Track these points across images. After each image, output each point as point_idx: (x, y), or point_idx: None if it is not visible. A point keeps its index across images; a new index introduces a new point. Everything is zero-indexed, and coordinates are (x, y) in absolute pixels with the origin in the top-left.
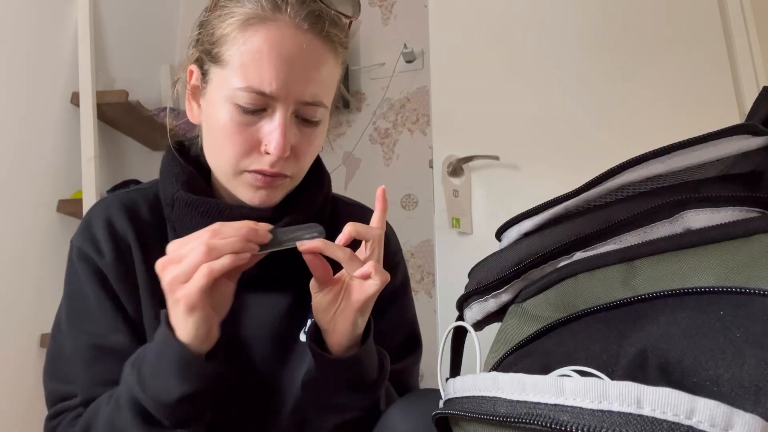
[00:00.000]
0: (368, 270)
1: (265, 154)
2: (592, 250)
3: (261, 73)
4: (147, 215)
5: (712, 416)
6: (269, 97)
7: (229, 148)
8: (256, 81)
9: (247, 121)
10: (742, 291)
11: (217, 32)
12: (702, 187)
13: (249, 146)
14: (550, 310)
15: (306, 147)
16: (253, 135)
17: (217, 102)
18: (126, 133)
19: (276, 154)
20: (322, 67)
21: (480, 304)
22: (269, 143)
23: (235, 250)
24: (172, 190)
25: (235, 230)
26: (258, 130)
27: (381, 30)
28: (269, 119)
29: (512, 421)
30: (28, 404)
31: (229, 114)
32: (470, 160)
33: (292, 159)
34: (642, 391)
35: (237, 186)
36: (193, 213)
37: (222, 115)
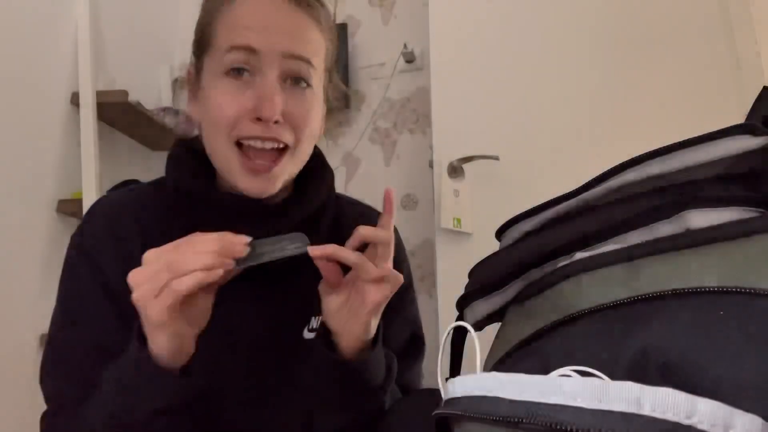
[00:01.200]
0: (382, 273)
1: (257, 122)
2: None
3: (243, 31)
4: (151, 210)
5: (713, 416)
6: (253, 54)
7: (221, 119)
8: (239, 38)
9: (238, 89)
10: (742, 291)
11: (203, 19)
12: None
13: (240, 110)
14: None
15: (300, 112)
16: (244, 103)
17: (210, 82)
18: (126, 133)
19: (267, 112)
20: (303, 28)
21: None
22: (259, 106)
23: (206, 267)
24: (179, 180)
25: (209, 243)
26: (249, 97)
27: (381, 30)
28: (259, 82)
29: (513, 421)
30: (28, 404)
31: (221, 87)
32: (470, 160)
33: (287, 126)
34: (642, 391)
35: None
36: (198, 204)
37: (214, 92)
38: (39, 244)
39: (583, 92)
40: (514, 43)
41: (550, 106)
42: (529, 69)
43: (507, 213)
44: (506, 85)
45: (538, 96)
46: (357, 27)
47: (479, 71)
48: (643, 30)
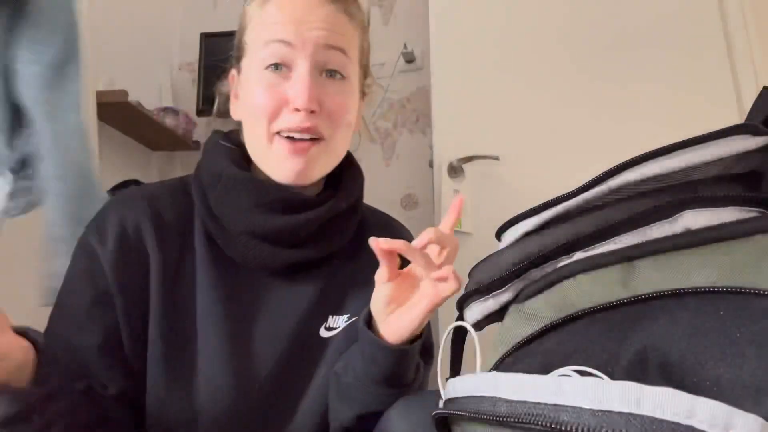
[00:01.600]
0: (446, 273)
1: (294, 112)
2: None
3: (275, 27)
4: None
5: (712, 416)
6: (288, 46)
7: (260, 112)
8: (274, 33)
9: (275, 82)
10: (742, 291)
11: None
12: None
13: (278, 105)
14: (550, 310)
15: (336, 102)
16: (281, 94)
17: (250, 80)
18: (126, 133)
19: (300, 102)
20: (336, 20)
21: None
22: (295, 96)
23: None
24: (220, 167)
25: None
26: (285, 90)
27: (381, 30)
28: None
29: (512, 421)
30: None
31: (258, 80)
32: (470, 160)
33: (323, 116)
34: (642, 391)
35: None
36: (239, 189)
37: (253, 86)
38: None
39: (583, 92)
40: (515, 43)
41: (550, 106)
42: (529, 69)
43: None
44: (506, 85)
45: (538, 96)
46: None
47: (479, 71)
48: (642, 31)
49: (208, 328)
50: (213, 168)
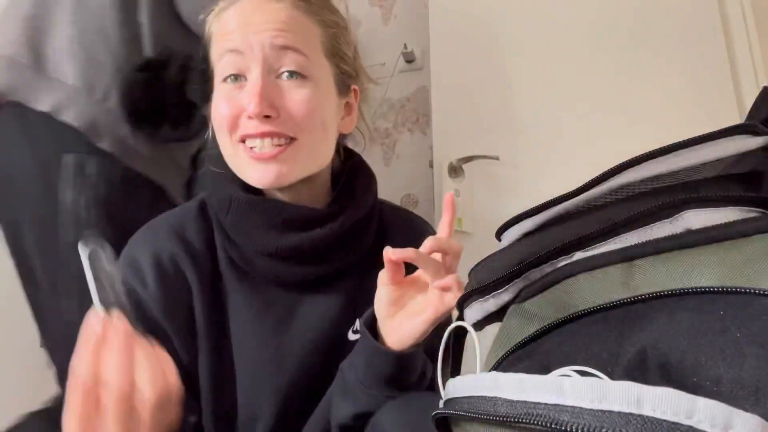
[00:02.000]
0: (450, 283)
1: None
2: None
3: (226, 37)
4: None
5: (712, 416)
6: (239, 54)
7: (222, 122)
8: (225, 44)
9: (233, 92)
10: (742, 291)
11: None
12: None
13: (236, 114)
14: (550, 310)
15: (295, 103)
16: (237, 104)
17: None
18: None
19: (252, 105)
20: (286, 18)
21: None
22: (247, 103)
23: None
24: (230, 191)
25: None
26: (240, 98)
27: (381, 30)
28: (247, 84)
29: (512, 421)
30: (29, 405)
31: (219, 93)
32: (470, 160)
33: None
34: (642, 390)
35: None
36: (251, 213)
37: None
38: None
39: (582, 92)
40: (514, 43)
41: (551, 106)
42: (529, 69)
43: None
44: (506, 85)
45: (538, 96)
46: (357, 27)
47: (479, 71)
48: (642, 31)
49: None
50: (222, 194)
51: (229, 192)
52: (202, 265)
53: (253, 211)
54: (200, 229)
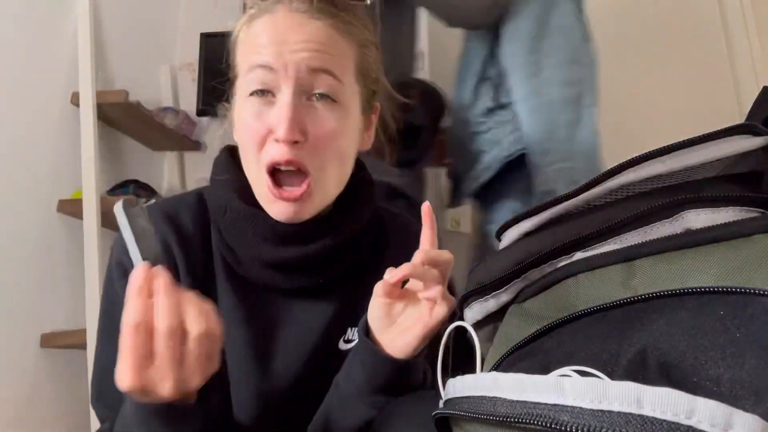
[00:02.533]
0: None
1: (277, 143)
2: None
3: (258, 50)
4: (189, 223)
5: (712, 416)
6: (270, 72)
7: (247, 142)
8: (255, 58)
9: (259, 108)
10: (742, 291)
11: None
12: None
13: (263, 134)
14: (550, 310)
15: (323, 129)
16: (266, 122)
17: (238, 105)
18: (126, 133)
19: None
20: (323, 38)
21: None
22: (276, 125)
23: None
24: (226, 198)
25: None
26: (270, 117)
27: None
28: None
29: (512, 421)
30: (29, 404)
31: (246, 107)
32: None
33: (310, 147)
34: (642, 391)
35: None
36: (245, 224)
37: (241, 113)
38: (39, 244)
39: None
40: None
41: None
42: None
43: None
44: None
45: None
46: None
47: None
48: (642, 31)
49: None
50: (218, 200)
51: (226, 198)
52: (192, 252)
53: (248, 223)
54: (195, 218)
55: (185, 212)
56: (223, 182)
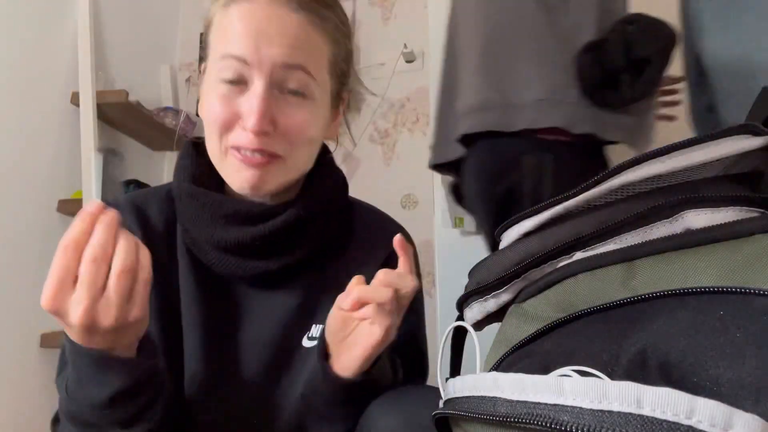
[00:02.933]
0: (366, 314)
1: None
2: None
3: (233, 40)
4: (156, 215)
5: (712, 416)
6: (243, 64)
7: (214, 124)
8: (230, 47)
9: (229, 94)
10: (742, 291)
11: (205, 24)
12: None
13: (230, 119)
14: (550, 310)
15: (293, 122)
16: (234, 109)
17: (208, 86)
18: (126, 133)
19: (252, 122)
20: (299, 33)
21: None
22: (247, 116)
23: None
24: (178, 181)
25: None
26: (239, 104)
27: (381, 30)
28: (249, 93)
29: (512, 421)
30: (29, 404)
31: (214, 91)
32: None
33: (279, 136)
34: (642, 391)
35: (226, 170)
36: (195, 204)
37: (209, 95)
38: (39, 244)
39: None
40: None
41: None
42: None
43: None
44: None
45: None
46: (357, 27)
47: None
48: None
49: (191, 335)
50: (175, 182)
51: (178, 179)
52: (156, 244)
53: (196, 202)
54: (162, 210)
55: (154, 204)
56: (180, 168)
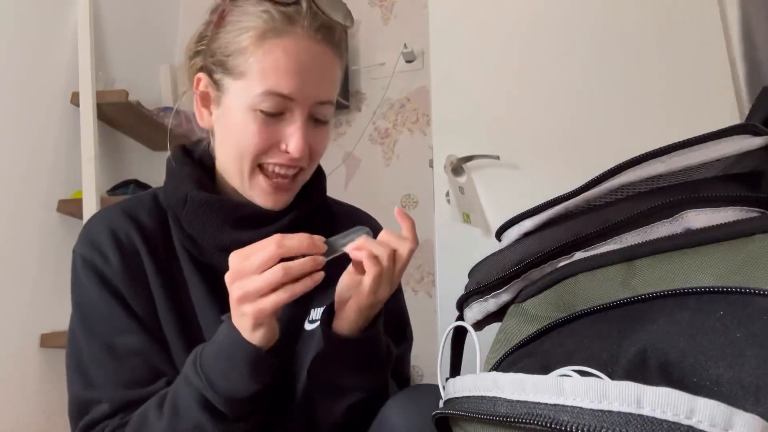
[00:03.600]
0: (358, 256)
1: (284, 153)
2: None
3: (280, 79)
4: (148, 220)
5: (712, 416)
6: (288, 100)
7: (249, 149)
8: (277, 85)
9: (267, 124)
10: (742, 291)
11: (231, 46)
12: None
13: (269, 144)
14: (550, 310)
15: (319, 145)
16: (273, 134)
17: (238, 110)
18: (126, 133)
19: (296, 154)
20: (331, 69)
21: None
22: (289, 144)
23: (313, 269)
24: (186, 189)
25: (302, 244)
26: (278, 130)
27: (381, 30)
28: (288, 121)
29: (512, 421)
30: (29, 404)
31: (250, 119)
32: (470, 159)
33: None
34: (642, 391)
35: (251, 189)
36: (206, 210)
37: (241, 121)
38: (39, 244)
39: (582, 92)
40: (514, 43)
41: (550, 106)
42: (529, 69)
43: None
44: (506, 85)
45: (538, 95)
46: (357, 27)
47: (479, 71)
48: (643, 30)
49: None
50: (178, 192)
51: (185, 189)
52: (155, 247)
53: (209, 210)
54: (153, 214)
55: (143, 210)
56: (181, 177)
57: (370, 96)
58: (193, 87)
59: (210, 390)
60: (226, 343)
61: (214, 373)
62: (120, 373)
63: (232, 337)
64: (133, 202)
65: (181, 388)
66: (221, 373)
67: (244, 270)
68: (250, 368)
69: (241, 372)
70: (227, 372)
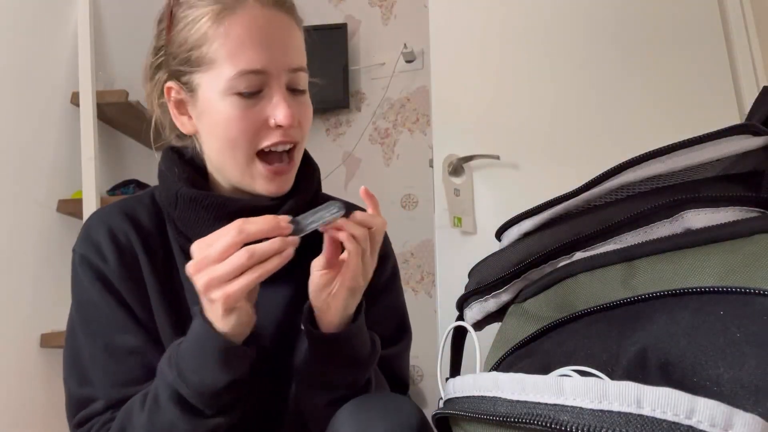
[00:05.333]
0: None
1: (275, 128)
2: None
3: (248, 54)
4: (146, 220)
5: (712, 416)
6: (262, 74)
7: (239, 135)
8: (248, 62)
9: (249, 105)
10: (742, 291)
11: (191, 39)
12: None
13: (257, 125)
14: (550, 310)
15: (304, 114)
16: (258, 114)
17: (215, 100)
18: (126, 133)
19: (286, 121)
20: (294, 35)
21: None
22: (277, 115)
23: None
24: (176, 188)
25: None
26: (261, 109)
27: (381, 30)
28: (268, 97)
29: (512, 420)
30: (29, 403)
31: (230, 104)
32: (471, 159)
33: (296, 127)
34: (642, 391)
35: (250, 179)
36: (197, 207)
37: (222, 109)
38: (39, 244)
39: (583, 92)
40: (514, 43)
41: (551, 106)
42: (529, 69)
43: (507, 213)
44: (507, 85)
45: (539, 95)
46: (357, 27)
47: (479, 71)
48: (643, 30)
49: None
50: (169, 192)
51: (175, 188)
52: (153, 247)
53: (199, 206)
54: (151, 215)
55: (141, 210)
56: (171, 176)
57: (370, 96)
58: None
59: (182, 383)
60: (195, 334)
61: (185, 366)
62: (116, 371)
63: (201, 326)
64: (131, 201)
65: (157, 382)
66: (192, 365)
67: (207, 258)
68: (220, 358)
69: (212, 362)
70: (198, 363)
